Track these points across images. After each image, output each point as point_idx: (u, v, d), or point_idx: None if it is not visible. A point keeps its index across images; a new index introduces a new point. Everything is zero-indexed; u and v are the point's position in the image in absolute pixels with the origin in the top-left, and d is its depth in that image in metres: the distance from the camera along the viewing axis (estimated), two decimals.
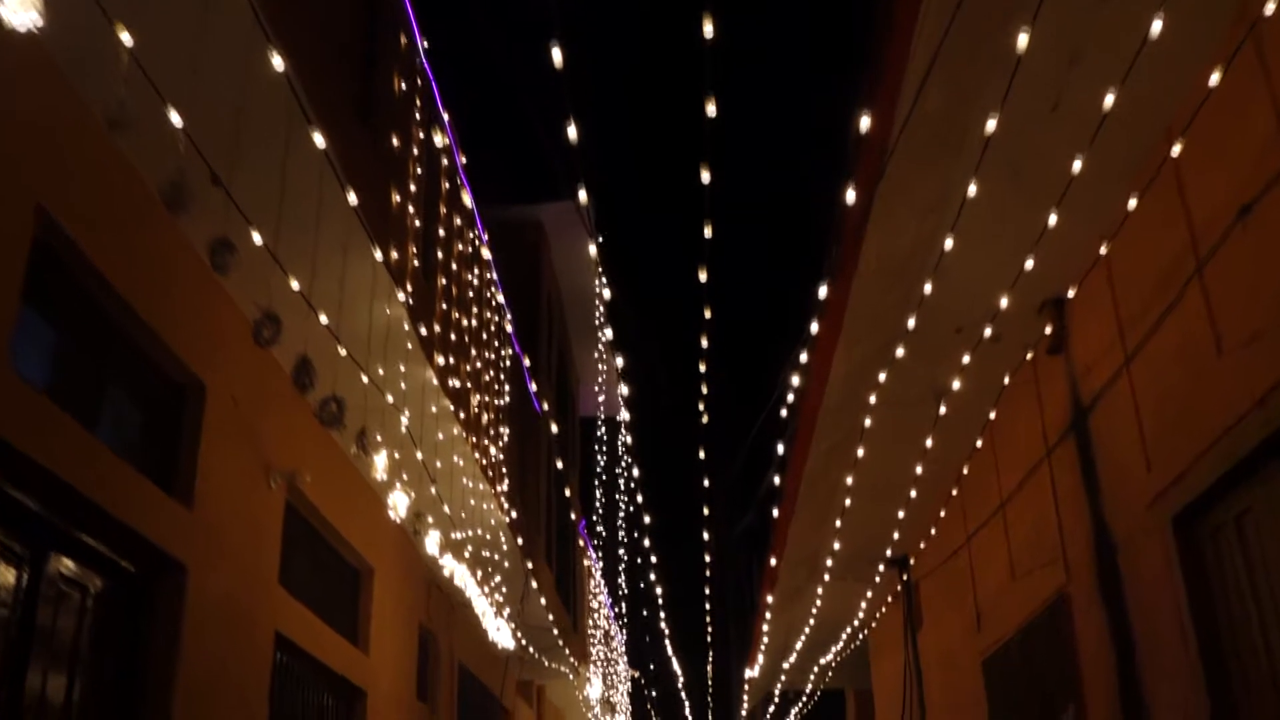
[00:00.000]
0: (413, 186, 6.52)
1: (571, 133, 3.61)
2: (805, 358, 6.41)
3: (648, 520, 13.66)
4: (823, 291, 5.31)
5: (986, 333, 5.55)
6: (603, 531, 20.90)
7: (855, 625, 11.68)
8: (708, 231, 4.12)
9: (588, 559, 18.75)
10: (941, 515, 8.27)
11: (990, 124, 3.95)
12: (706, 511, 11.98)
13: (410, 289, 6.10)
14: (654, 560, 16.54)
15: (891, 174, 4.68)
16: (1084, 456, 5.78)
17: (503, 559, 9.95)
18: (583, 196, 4.15)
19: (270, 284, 4.54)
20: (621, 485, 20.97)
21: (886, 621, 11.05)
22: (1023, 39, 3.64)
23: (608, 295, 12.09)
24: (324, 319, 4.90)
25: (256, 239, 4.16)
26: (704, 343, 5.58)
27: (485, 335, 9.15)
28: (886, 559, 9.40)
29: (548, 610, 11.86)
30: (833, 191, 4.87)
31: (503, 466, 9.61)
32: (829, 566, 9.41)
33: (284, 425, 6.34)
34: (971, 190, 4.40)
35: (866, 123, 4.23)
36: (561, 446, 14.29)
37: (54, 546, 4.37)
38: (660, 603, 18.95)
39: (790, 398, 7.14)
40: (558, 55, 3.40)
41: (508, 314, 10.09)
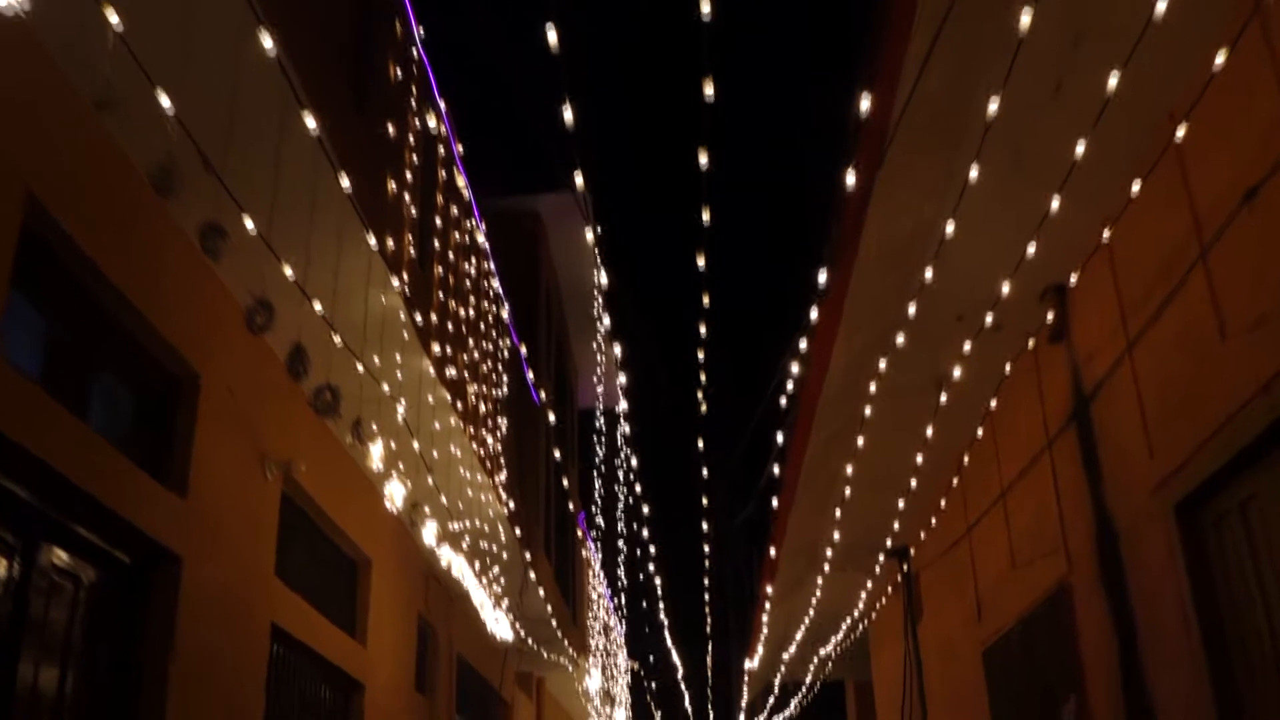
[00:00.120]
0: (409, 175, 6.46)
1: (568, 115, 3.56)
2: (805, 345, 6.36)
3: (647, 511, 13.63)
4: (822, 278, 5.26)
5: (988, 320, 5.50)
6: (602, 523, 20.88)
7: (855, 616, 11.65)
8: (706, 217, 4.07)
9: (587, 551, 18.72)
10: (942, 505, 8.23)
11: (992, 106, 3.90)
12: (706, 502, 11.96)
13: (406, 278, 6.05)
14: (653, 551, 16.52)
15: (892, 158, 4.63)
16: (1085, 445, 5.74)
17: (501, 550, 9.92)
18: (579, 181, 4.09)
19: (263, 271, 4.49)
20: (620, 477, 20.96)
21: (886, 612, 11.02)
22: (1025, 19, 3.59)
23: (605, 281, 12.01)
24: (318, 307, 4.86)
25: (249, 225, 4.11)
26: (702, 330, 5.54)
27: (483, 326, 9.10)
28: (887, 549, 9.35)
29: (547, 602, 11.83)
30: (832, 176, 4.82)
31: (501, 457, 9.57)
32: (829, 557, 9.37)
33: (280, 415, 6.29)
34: (973, 175, 4.35)
35: (866, 106, 4.17)
36: (560, 438, 14.25)
37: (46, 537, 4.33)
38: (660, 594, 18.95)
39: (790, 386, 7.09)
40: (553, 37, 3.35)
41: (505, 304, 10.04)
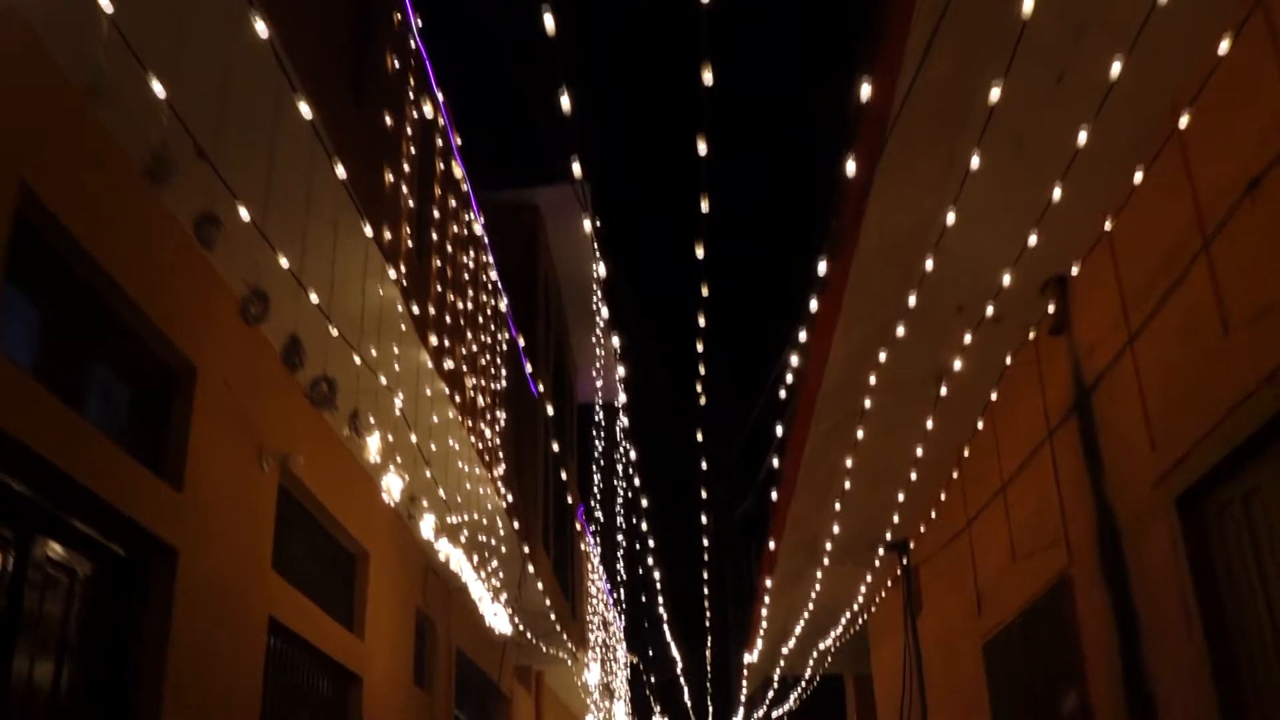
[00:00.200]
0: (406, 166, 6.42)
1: (565, 102, 3.52)
2: (804, 337, 6.33)
3: (646, 504, 13.61)
4: (822, 268, 5.22)
5: (988, 311, 5.47)
6: (601, 517, 20.87)
7: (854, 610, 11.63)
8: (705, 206, 4.03)
9: (586, 544, 18.71)
10: (942, 498, 8.21)
11: (994, 94, 3.86)
12: (705, 495, 11.93)
13: (404, 269, 6.01)
14: (652, 545, 16.51)
15: (893, 147, 4.59)
16: (1086, 437, 5.71)
17: (500, 544, 9.89)
18: (577, 169, 4.05)
19: (258, 261, 4.46)
20: (620, 471, 20.94)
21: (886, 606, 11.00)
22: (1027, 5, 3.55)
23: (603, 272, 11.96)
24: (314, 298, 4.82)
25: (244, 214, 4.07)
26: (701, 321, 5.51)
27: (481, 319, 9.07)
28: (886, 543, 9.35)
29: (545, 595, 11.81)
30: (833, 165, 4.78)
31: (499, 450, 9.54)
32: (828, 550, 9.36)
33: (277, 408, 6.26)
34: (974, 164, 4.31)
35: (867, 93, 4.14)
36: (559, 431, 14.22)
37: (41, 530, 4.30)
38: (659, 588, 18.94)
39: (789, 379, 7.06)
40: (550, 22, 3.31)
41: (504, 297, 10.01)
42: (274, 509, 6.30)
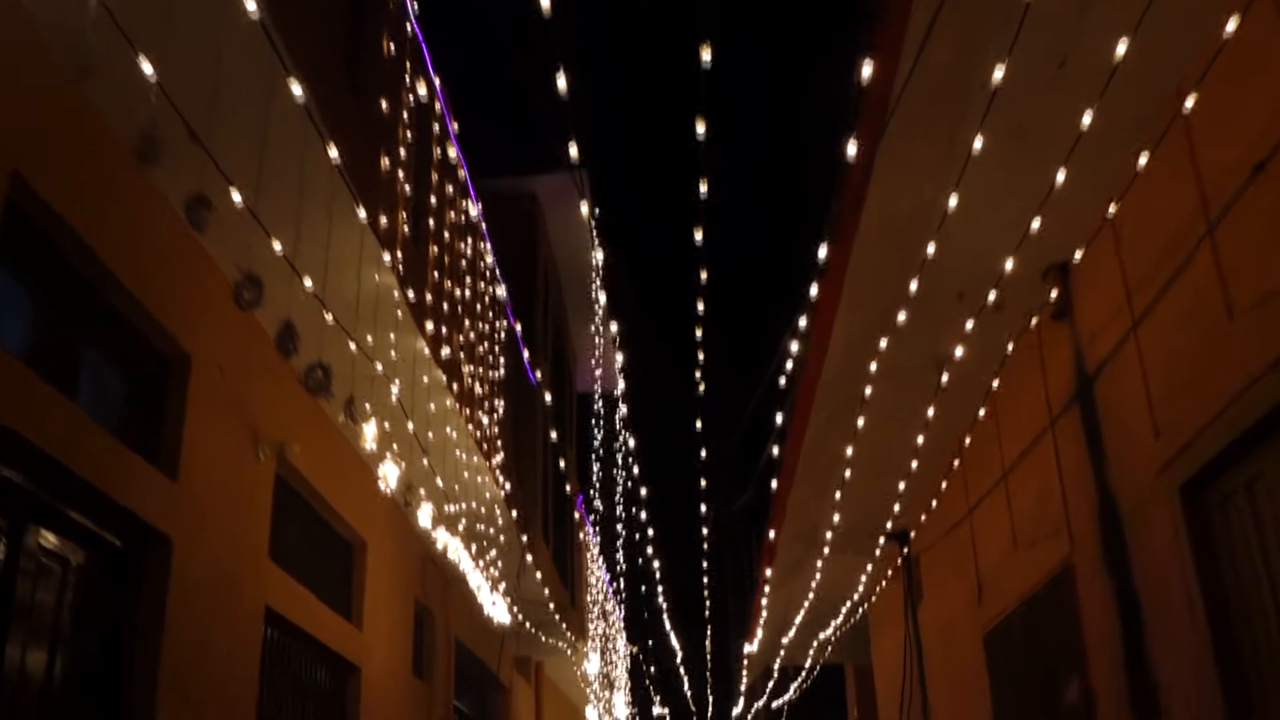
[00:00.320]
0: (403, 152, 6.36)
1: (561, 83, 3.47)
2: (805, 323, 6.28)
3: (645, 494, 13.58)
4: (822, 253, 5.17)
5: (990, 297, 5.42)
6: (600, 508, 20.85)
7: (855, 600, 11.61)
8: (703, 188, 3.98)
9: (585, 534, 18.69)
10: (943, 487, 8.16)
11: (997, 74, 3.80)
12: (704, 484, 11.90)
13: (400, 256, 5.95)
14: (652, 535, 16.48)
15: (894, 130, 4.54)
16: (1089, 425, 5.67)
17: (498, 533, 9.86)
18: (574, 152, 4.00)
19: (251, 246, 4.40)
20: (619, 460, 20.92)
21: (886, 596, 10.98)
22: None
23: (601, 258, 11.89)
24: (308, 283, 4.77)
25: (236, 198, 4.02)
26: (699, 307, 5.45)
27: (479, 307, 9.02)
28: (887, 532, 9.31)
29: (544, 585, 11.78)
30: (833, 148, 4.72)
31: (498, 440, 9.50)
32: (828, 540, 9.32)
33: (272, 396, 6.21)
34: (976, 147, 4.26)
35: (868, 74, 4.08)
36: (558, 421, 14.18)
37: (33, 519, 4.26)
38: (658, 578, 18.93)
39: (790, 366, 7.01)
40: (545, 1, 3.26)
41: (502, 285, 9.95)
42: (270, 497, 6.25)
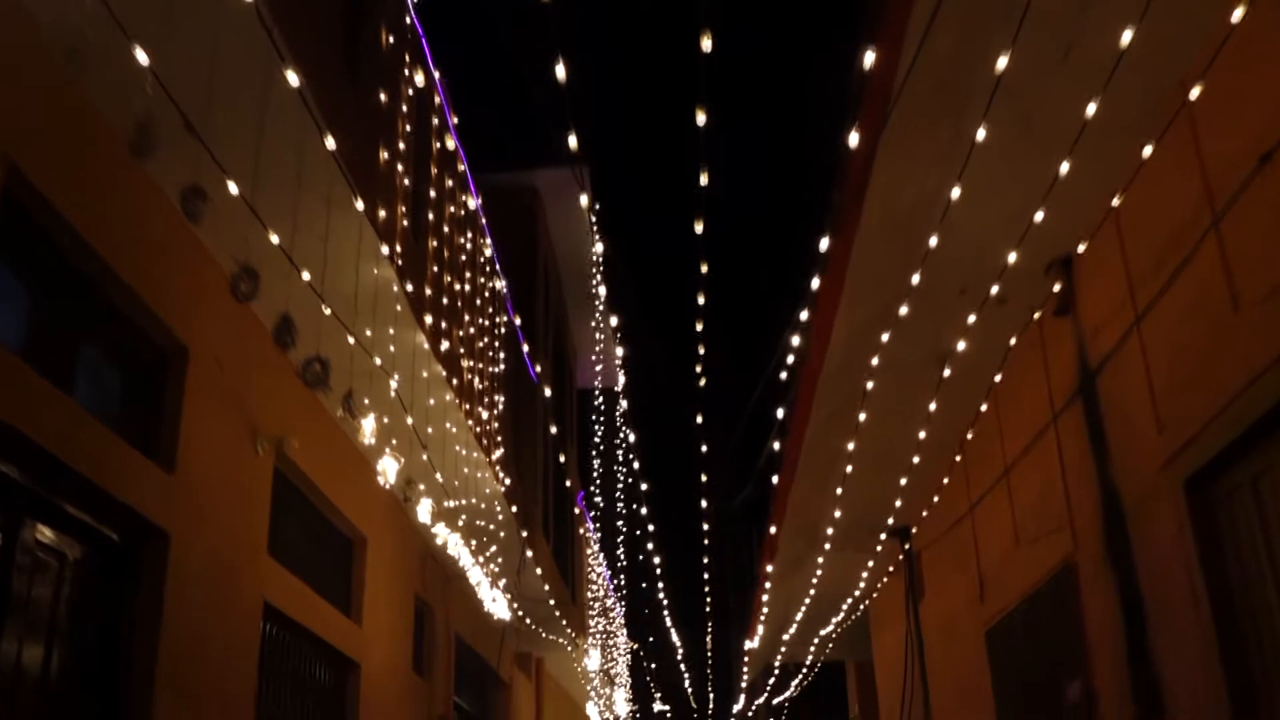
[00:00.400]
0: (402, 144, 6.32)
1: (560, 73, 3.43)
2: (806, 316, 6.23)
3: (645, 489, 13.55)
4: (824, 245, 5.13)
5: (993, 291, 5.39)
6: (601, 503, 20.83)
7: (856, 596, 11.58)
8: (704, 179, 3.94)
9: (586, 530, 18.67)
10: (944, 483, 8.13)
11: (1000, 65, 3.76)
12: (705, 480, 11.86)
13: (399, 249, 5.92)
14: (652, 531, 16.46)
15: (896, 121, 4.49)
16: (1092, 420, 5.63)
17: (498, 529, 9.82)
18: (573, 142, 3.96)
19: (248, 238, 4.36)
20: (620, 456, 20.90)
21: (888, 592, 10.95)
22: None
23: (600, 249, 11.84)
24: (306, 276, 4.73)
25: (232, 189, 3.98)
26: (700, 300, 5.41)
27: (479, 301, 8.98)
28: (888, 528, 9.28)
29: (545, 581, 11.75)
30: (835, 139, 4.68)
31: (498, 435, 9.46)
32: (829, 536, 9.29)
33: (271, 390, 6.18)
34: (979, 138, 4.22)
35: (870, 63, 4.04)
36: (558, 417, 14.16)
37: (30, 513, 4.23)
38: (659, 574, 18.90)
39: (790, 360, 6.97)
40: None
41: (502, 279, 9.92)
42: (269, 492, 6.22)
